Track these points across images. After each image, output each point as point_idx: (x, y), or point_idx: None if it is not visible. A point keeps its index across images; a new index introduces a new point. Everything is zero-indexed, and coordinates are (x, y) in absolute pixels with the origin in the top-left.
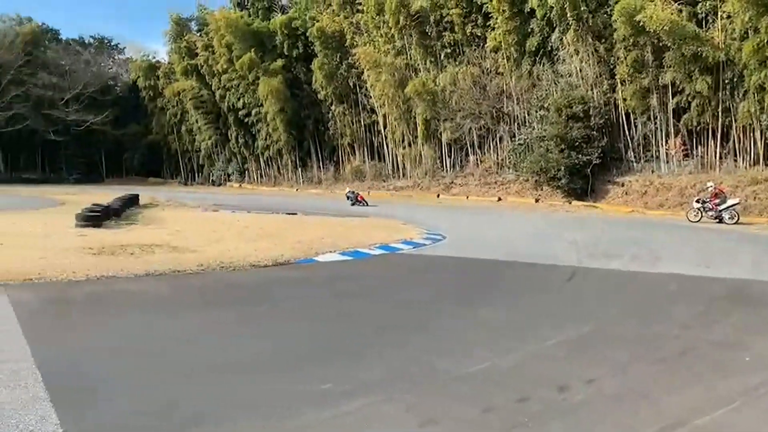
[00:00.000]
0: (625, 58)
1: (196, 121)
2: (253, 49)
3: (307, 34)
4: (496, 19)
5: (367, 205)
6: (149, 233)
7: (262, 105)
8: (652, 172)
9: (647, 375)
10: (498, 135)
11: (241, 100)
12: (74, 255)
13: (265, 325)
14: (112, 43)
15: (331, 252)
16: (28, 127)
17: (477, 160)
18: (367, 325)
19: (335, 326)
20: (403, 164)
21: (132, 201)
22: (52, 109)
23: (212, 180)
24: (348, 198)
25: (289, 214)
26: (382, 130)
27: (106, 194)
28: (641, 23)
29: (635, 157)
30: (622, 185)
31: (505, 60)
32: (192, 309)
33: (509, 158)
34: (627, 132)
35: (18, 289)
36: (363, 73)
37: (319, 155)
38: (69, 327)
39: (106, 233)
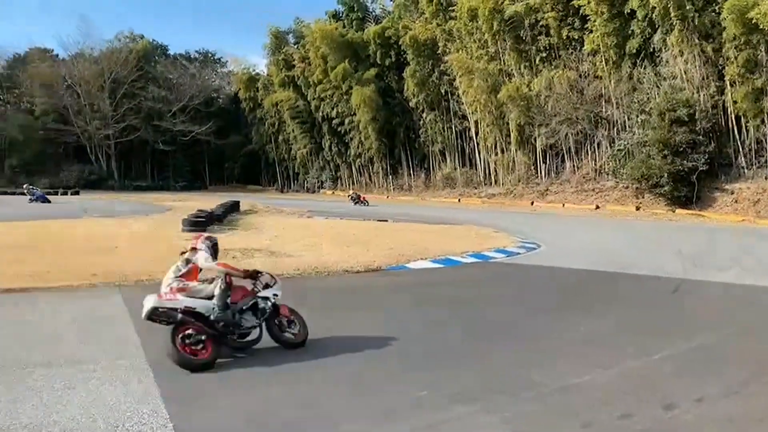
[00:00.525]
0: (736, 59)
1: (293, 131)
2: (347, 60)
3: (400, 42)
4: (594, 21)
5: (368, 205)
6: (249, 238)
7: (354, 114)
8: (766, 178)
9: (763, 397)
10: (596, 140)
11: (335, 110)
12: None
13: (358, 329)
14: (216, 57)
15: (422, 259)
16: (140, 138)
17: (573, 166)
18: (460, 333)
19: (428, 333)
20: (495, 171)
21: (233, 207)
22: (161, 121)
23: (307, 187)
24: (352, 199)
25: (380, 220)
26: (474, 137)
27: (209, 201)
28: (754, 20)
29: (747, 163)
30: (732, 193)
31: (604, 63)
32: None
33: (608, 164)
34: (737, 136)
35: (131, 289)
36: (455, 79)
37: (410, 162)
38: None
39: None
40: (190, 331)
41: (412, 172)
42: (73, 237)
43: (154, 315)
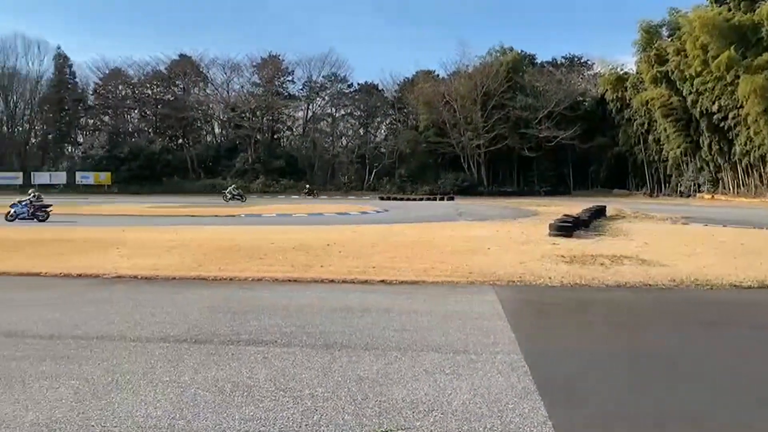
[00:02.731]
0: None
1: (664, 130)
2: (732, 46)
3: None
4: None
5: None
6: (617, 245)
7: (741, 106)
8: None
9: None
10: None
11: (716, 104)
12: (549, 262)
13: (735, 352)
14: (582, 61)
15: None
16: (507, 146)
17: None
18: None
19: None
20: None
21: (599, 212)
22: (527, 128)
23: (680, 191)
24: None
25: None
26: None
27: (573, 206)
28: None
29: None
30: None
31: None
32: (660, 324)
33: None
34: None
35: (503, 289)
36: None
37: None
38: (549, 327)
39: (576, 243)
40: None
41: None
42: (450, 238)
43: None
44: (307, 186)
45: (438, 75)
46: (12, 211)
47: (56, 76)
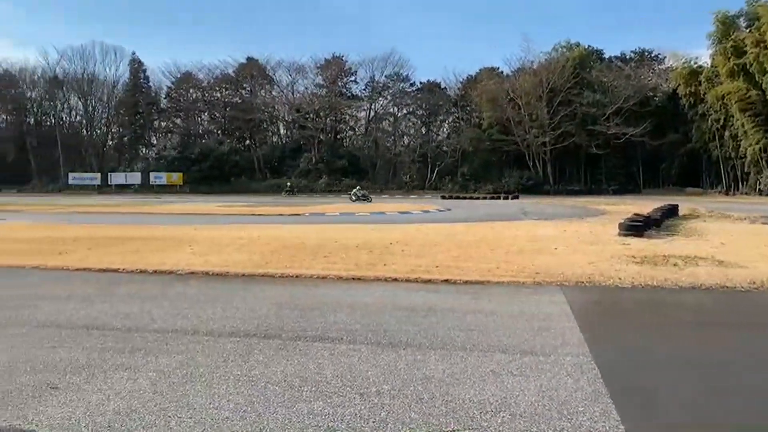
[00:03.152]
0: None
1: (742, 125)
2: None
3: None
4: None
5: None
6: (691, 245)
7: None
8: None
9: None
10: None
11: None
12: (619, 262)
13: None
14: (653, 55)
15: None
16: (573, 143)
17: None
18: None
19: None
20: None
21: (671, 211)
22: (595, 125)
23: (759, 189)
24: None
25: None
26: None
27: (643, 205)
28: None
29: None
30: None
31: None
32: (738, 328)
33: None
34: None
35: (571, 290)
36: None
37: None
38: (620, 329)
39: (647, 243)
40: None
41: None
42: (515, 237)
43: None
44: (288, 184)
45: (502, 72)
46: None
47: (131, 81)
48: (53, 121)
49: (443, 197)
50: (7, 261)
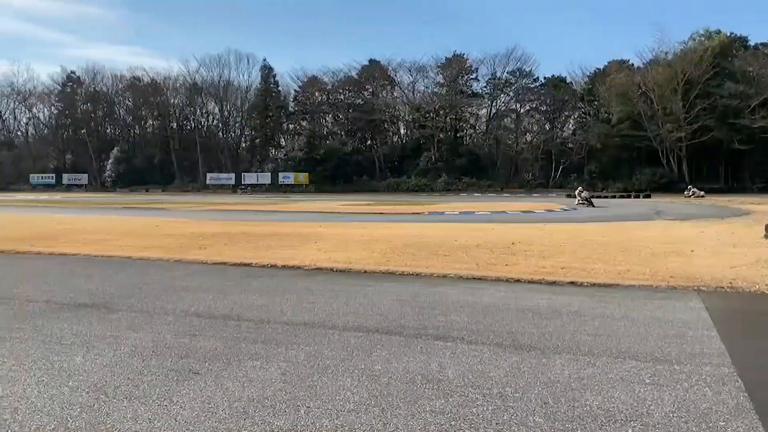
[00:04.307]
0: None
1: None
2: None
3: None
4: None
5: None
6: None
7: None
8: None
9: None
10: None
11: None
12: (765, 267)
13: None
14: None
15: None
16: (713, 138)
17: None
18: None
19: None
20: None
21: None
22: (737, 118)
23: None
24: None
25: None
26: None
27: None
28: None
29: None
30: None
31: None
32: None
33: None
34: None
35: (710, 295)
36: None
37: None
38: (766, 339)
39: None
40: None
41: None
42: (647, 239)
43: None
44: (244, 183)
45: (632, 64)
46: None
47: (262, 86)
48: (193, 125)
49: (568, 196)
50: (157, 254)
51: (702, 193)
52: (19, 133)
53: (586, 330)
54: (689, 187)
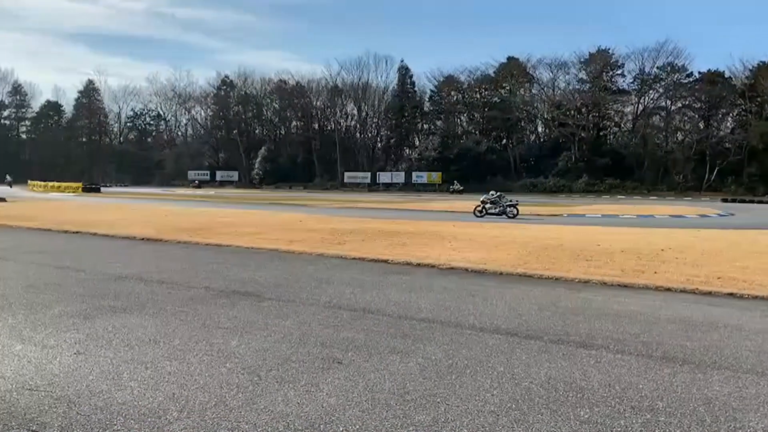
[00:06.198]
0: None
1: None
2: None
3: None
4: None
5: None
6: None
7: None
8: None
9: None
10: None
11: None
12: None
13: None
14: None
15: None
16: None
17: None
18: None
19: None
20: None
21: None
22: None
23: None
24: None
25: None
26: None
27: None
28: None
29: None
30: None
31: None
32: None
33: None
34: None
35: None
36: None
37: None
38: None
39: None
40: None
41: None
42: None
43: None
44: (196, 180)
45: None
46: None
47: (399, 87)
48: (332, 125)
49: (724, 200)
50: (300, 248)
51: None
52: (179, 133)
53: (749, 346)
54: None
